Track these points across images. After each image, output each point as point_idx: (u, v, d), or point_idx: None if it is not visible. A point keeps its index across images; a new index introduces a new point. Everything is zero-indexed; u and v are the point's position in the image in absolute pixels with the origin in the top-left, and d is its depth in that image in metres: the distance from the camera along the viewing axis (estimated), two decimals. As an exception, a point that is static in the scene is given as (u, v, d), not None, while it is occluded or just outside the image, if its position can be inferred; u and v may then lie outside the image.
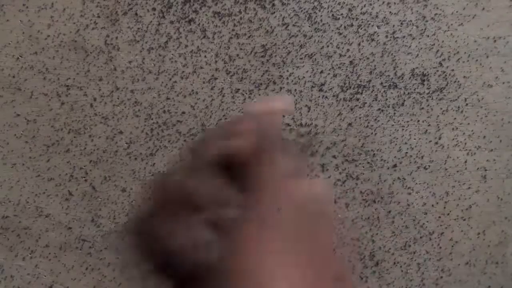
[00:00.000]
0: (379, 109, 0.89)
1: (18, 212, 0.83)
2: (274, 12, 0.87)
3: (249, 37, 0.87)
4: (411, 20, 0.89)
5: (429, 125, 0.90)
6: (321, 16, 0.88)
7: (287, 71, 0.87)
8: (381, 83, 0.89)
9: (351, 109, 0.88)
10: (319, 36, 0.88)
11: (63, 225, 0.84)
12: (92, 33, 0.84)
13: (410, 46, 0.89)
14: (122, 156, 0.85)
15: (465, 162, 0.90)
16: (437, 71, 0.90)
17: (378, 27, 0.89)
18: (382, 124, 0.89)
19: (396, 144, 0.89)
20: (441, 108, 0.90)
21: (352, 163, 0.88)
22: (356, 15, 0.88)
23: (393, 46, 0.89)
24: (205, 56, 0.86)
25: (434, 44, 0.90)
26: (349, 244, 0.88)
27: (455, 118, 0.90)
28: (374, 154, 0.89)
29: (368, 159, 0.89)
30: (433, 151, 0.90)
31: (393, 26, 0.89)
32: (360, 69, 0.88)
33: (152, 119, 0.85)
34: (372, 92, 0.89)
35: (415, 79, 0.89)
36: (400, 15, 0.89)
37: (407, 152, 0.89)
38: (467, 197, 0.91)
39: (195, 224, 0.20)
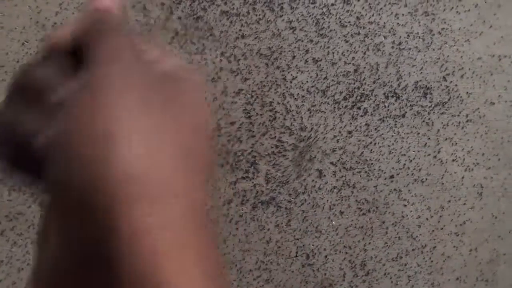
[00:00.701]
0: (380, 119, 0.89)
1: (13, 196, 0.83)
2: (282, 15, 0.87)
3: (255, 38, 0.87)
4: (418, 33, 0.89)
5: (429, 138, 0.90)
6: (329, 22, 0.88)
7: (291, 74, 0.87)
8: (384, 93, 0.89)
9: (352, 117, 0.88)
10: (325, 42, 0.88)
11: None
12: (99, 23, 0.84)
13: (415, 59, 0.89)
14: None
15: (462, 178, 0.91)
16: (441, 85, 0.90)
17: (385, 37, 0.89)
18: (382, 134, 0.89)
19: (394, 155, 0.89)
20: (442, 122, 0.90)
21: (349, 171, 0.88)
22: (364, 23, 0.88)
23: (398, 57, 0.89)
24: (210, 55, 0.86)
25: (439, 58, 0.90)
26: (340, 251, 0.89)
27: (455, 133, 0.90)
28: (372, 163, 0.89)
29: (365, 168, 0.89)
30: (431, 165, 0.90)
31: (400, 37, 0.89)
32: (364, 78, 0.89)
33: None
34: (374, 101, 0.89)
35: (418, 92, 0.89)
36: (407, 27, 0.89)
37: (405, 164, 0.89)
38: (462, 213, 0.91)
39: (40, 107, 0.21)
